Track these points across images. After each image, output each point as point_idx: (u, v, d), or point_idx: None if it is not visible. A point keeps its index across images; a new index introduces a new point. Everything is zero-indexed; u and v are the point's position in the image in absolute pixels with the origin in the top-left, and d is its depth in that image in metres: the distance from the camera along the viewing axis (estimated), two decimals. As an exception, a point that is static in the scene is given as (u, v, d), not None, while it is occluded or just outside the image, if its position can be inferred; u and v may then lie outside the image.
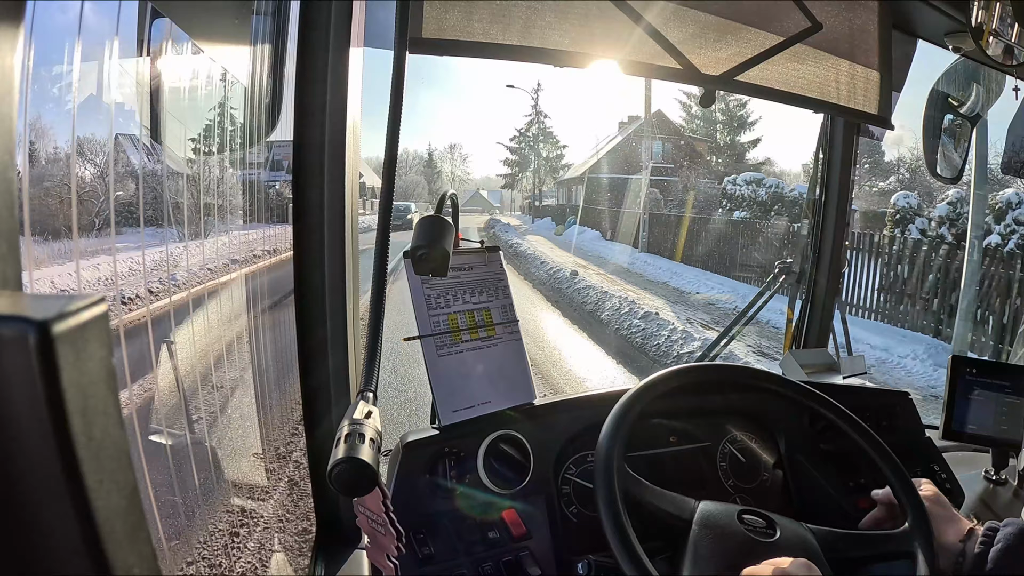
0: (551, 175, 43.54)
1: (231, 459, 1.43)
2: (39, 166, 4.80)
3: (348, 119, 1.23)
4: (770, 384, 1.29)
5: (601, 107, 72.36)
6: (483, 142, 68.91)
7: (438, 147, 54.53)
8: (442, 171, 53.27)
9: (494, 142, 71.10)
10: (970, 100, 2.06)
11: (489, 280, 1.32)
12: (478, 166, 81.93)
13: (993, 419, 1.64)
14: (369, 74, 1.30)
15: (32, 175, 3.51)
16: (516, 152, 45.09)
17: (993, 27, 1.54)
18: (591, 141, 51.18)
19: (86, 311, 0.30)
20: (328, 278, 1.27)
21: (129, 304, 2.47)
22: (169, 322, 1.52)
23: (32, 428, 0.28)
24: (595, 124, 78.45)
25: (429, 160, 51.40)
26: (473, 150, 74.30)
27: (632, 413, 1.12)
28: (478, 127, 74.98)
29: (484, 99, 75.52)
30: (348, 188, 1.26)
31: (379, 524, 0.86)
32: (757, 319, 2.49)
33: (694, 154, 32.96)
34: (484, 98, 75.54)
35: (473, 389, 1.26)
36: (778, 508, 1.21)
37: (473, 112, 74.46)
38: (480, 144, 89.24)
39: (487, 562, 1.16)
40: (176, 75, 1.14)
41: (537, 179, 43.42)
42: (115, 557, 0.31)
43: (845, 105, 1.63)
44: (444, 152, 54.76)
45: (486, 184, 56.25)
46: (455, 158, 54.41)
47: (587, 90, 58.84)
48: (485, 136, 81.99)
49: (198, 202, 1.95)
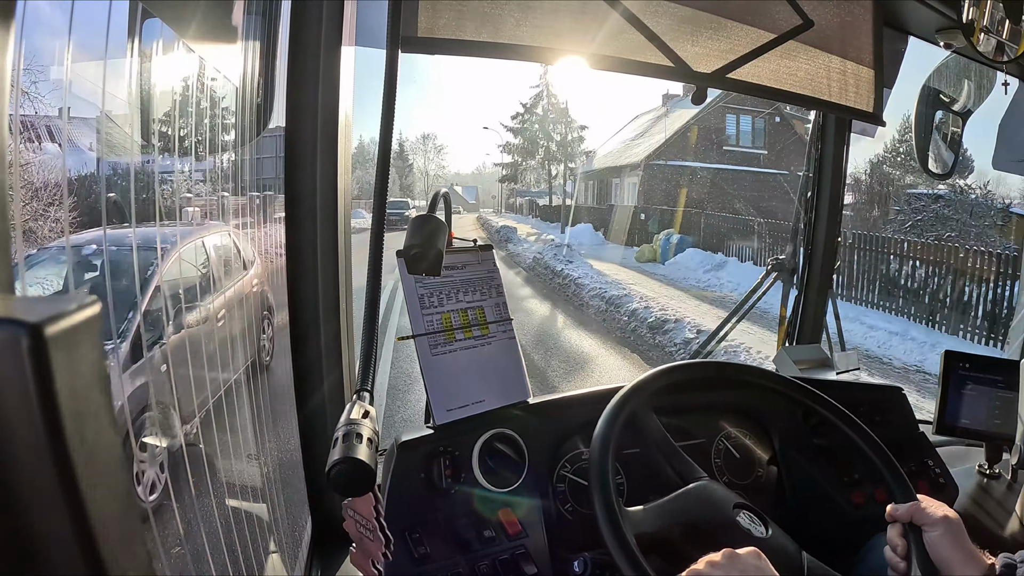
0: (561, 163, 33.07)
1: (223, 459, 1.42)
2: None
3: (340, 118, 1.23)
4: (764, 380, 1.29)
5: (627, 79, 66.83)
6: (460, 132, 63.68)
7: (410, 137, 46.90)
8: (414, 164, 46.90)
9: (481, 126, 63.93)
10: (962, 96, 2.07)
11: (482, 279, 1.32)
12: (456, 160, 76.01)
13: (986, 413, 1.65)
14: (361, 73, 1.30)
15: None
16: (520, 133, 33.64)
17: (984, 23, 1.55)
18: (617, 121, 41.97)
19: (78, 313, 0.30)
20: (322, 277, 1.26)
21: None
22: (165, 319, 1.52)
23: (25, 431, 0.28)
24: (622, 98, 70.78)
25: (400, 152, 44.33)
26: (448, 141, 66.41)
27: (626, 411, 1.12)
28: (455, 115, 69.03)
29: (463, 85, 69.49)
30: (341, 188, 1.26)
31: (367, 529, 0.86)
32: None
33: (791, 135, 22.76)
34: (463, 84, 70.39)
35: (467, 388, 1.26)
36: (773, 504, 1.21)
37: (450, 99, 64.86)
38: (457, 134, 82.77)
39: (483, 561, 1.16)
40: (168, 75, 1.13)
41: (546, 168, 33.45)
42: (110, 559, 0.31)
43: (837, 102, 1.63)
44: (416, 143, 48.05)
45: (459, 180, 51.75)
46: (428, 149, 47.40)
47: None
48: (463, 125, 76.03)
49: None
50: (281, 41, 1.19)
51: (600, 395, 1.24)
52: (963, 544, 1.02)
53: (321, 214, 1.25)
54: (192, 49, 1.15)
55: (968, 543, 1.03)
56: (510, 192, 41.26)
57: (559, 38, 1.29)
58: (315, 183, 1.23)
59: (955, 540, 1.02)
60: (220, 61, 1.21)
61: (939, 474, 1.51)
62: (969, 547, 1.02)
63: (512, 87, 76.28)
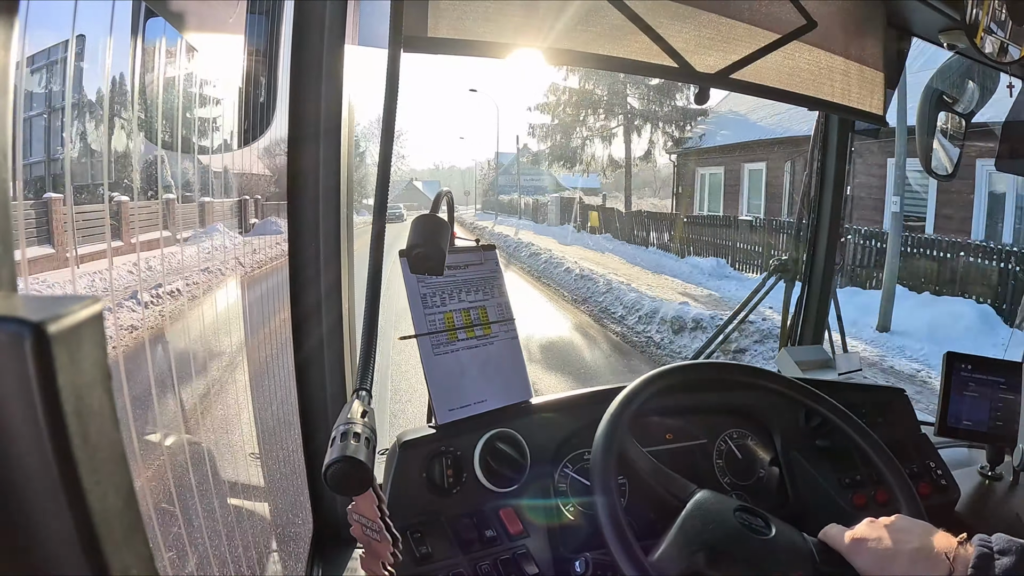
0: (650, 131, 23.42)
1: (225, 458, 1.43)
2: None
3: (343, 117, 1.23)
4: (766, 381, 1.30)
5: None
6: (417, 129, 59.51)
7: (362, 121, 41.12)
8: (367, 152, 41.61)
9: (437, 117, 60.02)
10: (965, 97, 2.06)
11: (485, 279, 1.32)
12: (413, 158, 70.49)
13: (988, 415, 1.65)
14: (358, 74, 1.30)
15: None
16: (550, 109, 24.93)
17: (987, 24, 1.55)
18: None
19: (81, 311, 0.30)
20: (323, 276, 1.27)
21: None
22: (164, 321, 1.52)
23: (28, 430, 0.28)
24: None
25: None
26: (407, 126, 58.36)
27: (628, 411, 1.12)
28: (412, 111, 64.80)
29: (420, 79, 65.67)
30: (343, 187, 1.26)
31: (374, 530, 0.86)
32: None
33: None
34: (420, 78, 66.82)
35: (469, 388, 1.26)
36: (774, 505, 1.21)
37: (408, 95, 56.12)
38: (415, 131, 78.37)
39: (484, 561, 1.16)
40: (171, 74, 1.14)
41: (585, 158, 24.43)
42: (112, 558, 0.31)
43: (840, 103, 1.63)
44: (369, 128, 42.67)
45: (417, 175, 47.46)
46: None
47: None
48: (419, 123, 70.63)
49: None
50: (284, 40, 1.19)
51: (603, 395, 1.24)
52: (899, 554, 0.92)
53: (323, 214, 1.25)
54: (195, 48, 1.15)
55: (909, 548, 0.92)
56: (488, 188, 34.27)
57: (562, 39, 1.29)
58: (317, 183, 1.23)
59: (883, 558, 0.93)
60: (223, 60, 1.22)
61: (940, 475, 1.51)
62: (910, 551, 0.91)
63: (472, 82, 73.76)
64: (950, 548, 0.88)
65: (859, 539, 0.96)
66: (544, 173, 41.42)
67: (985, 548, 0.86)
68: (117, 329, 1.20)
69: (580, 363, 7.99)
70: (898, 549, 0.91)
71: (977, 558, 0.84)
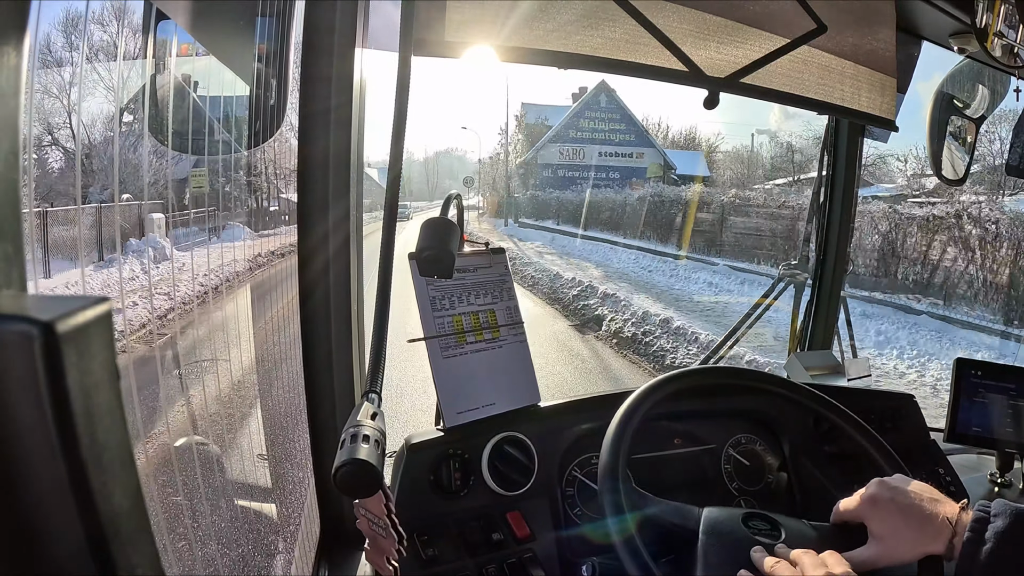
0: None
1: (233, 460, 1.43)
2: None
3: (353, 121, 1.23)
4: (775, 387, 1.29)
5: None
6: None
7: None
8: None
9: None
10: (975, 102, 2.05)
11: (494, 282, 1.32)
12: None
13: (998, 421, 1.63)
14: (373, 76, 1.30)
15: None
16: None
17: (998, 28, 1.54)
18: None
19: (90, 310, 0.30)
20: (333, 280, 1.27)
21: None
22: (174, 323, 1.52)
23: (36, 429, 0.28)
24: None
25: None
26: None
27: (636, 416, 1.12)
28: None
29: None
30: (353, 190, 1.26)
31: (380, 527, 0.86)
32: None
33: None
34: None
35: (478, 391, 1.26)
36: (782, 510, 1.20)
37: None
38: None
39: (491, 564, 1.16)
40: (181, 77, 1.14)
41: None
42: (119, 557, 0.31)
43: (850, 107, 1.62)
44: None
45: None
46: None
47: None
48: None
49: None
50: (294, 42, 1.19)
51: (612, 399, 1.23)
52: (909, 518, 0.96)
53: (332, 218, 1.25)
54: (205, 50, 1.15)
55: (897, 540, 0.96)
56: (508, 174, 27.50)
57: (571, 43, 1.29)
58: (327, 186, 1.23)
59: (894, 519, 0.97)
60: (232, 62, 1.22)
61: (950, 482, 1.50)
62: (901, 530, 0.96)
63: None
64: (953, 514, 0.94)
65: (873, 497, 1.01)
66: (650, 141, 28.37)
67: (982, 512, 0.91)
68: (143, 327, 1.21)
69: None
70: (908, 514, 0.96)
71: (974, 521, 0.90)
